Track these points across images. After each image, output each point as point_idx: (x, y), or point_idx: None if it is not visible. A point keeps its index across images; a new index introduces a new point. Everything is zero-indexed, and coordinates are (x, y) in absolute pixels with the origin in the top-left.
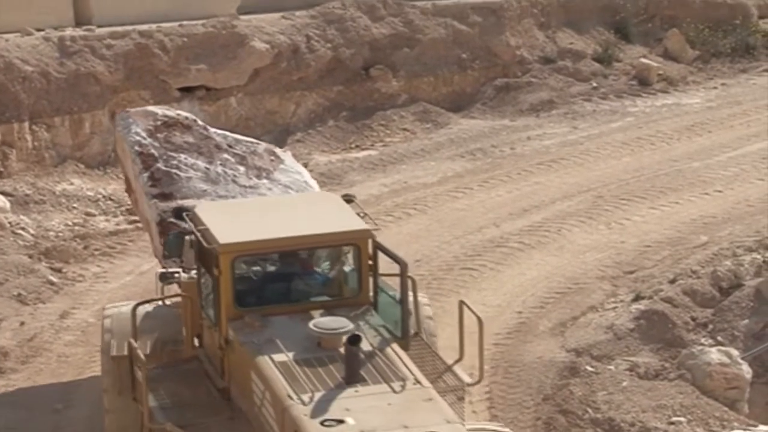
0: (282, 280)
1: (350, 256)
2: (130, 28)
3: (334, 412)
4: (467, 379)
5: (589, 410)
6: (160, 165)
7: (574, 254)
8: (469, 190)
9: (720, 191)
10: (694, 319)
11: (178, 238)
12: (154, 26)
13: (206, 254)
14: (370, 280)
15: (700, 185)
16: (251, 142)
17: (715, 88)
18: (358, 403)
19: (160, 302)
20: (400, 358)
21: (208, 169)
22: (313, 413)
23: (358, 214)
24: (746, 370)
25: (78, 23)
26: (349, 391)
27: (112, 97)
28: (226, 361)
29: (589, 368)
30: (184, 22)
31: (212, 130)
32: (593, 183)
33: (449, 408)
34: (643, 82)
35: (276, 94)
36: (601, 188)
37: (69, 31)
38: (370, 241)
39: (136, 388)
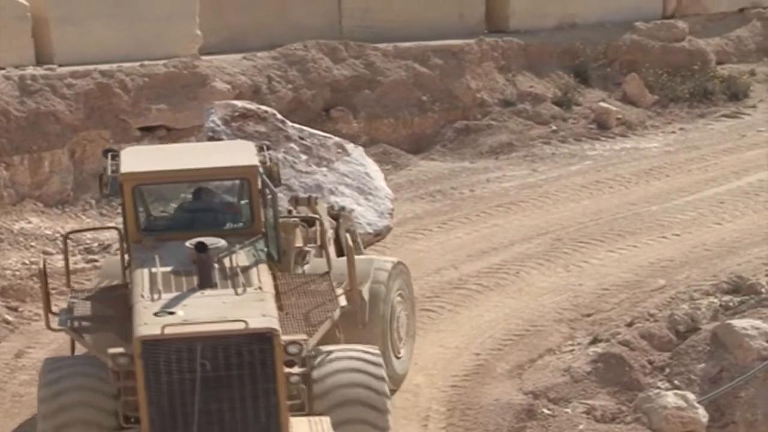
0: (186, 211)
1: (244, 189)
2: (91, 67)
3: (171, 307)
4: (343, 302)
5: None
6: None
7: (532, 296)
8: (429, 231)
9: (678, 235)
10: (651, 363)
11: (116, 178)
12: (115, 66)
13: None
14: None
15: (657, 229)
16: (324, 137)
17: (674, 132)
18: (198, 301)
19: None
20: (259, 273)
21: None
22: (153, 307)
23: (267, 159)
24: (702, 414)
25: (39, 62)
26: (197, 294)
27: (72, 136)
28: None
29: (546, 411)
30: (146, 62)
31: (290, 124)
32: (552, 226)
33: (274, 308)
34: (602, 126)
35: None
36: (560, 231)
37: (30, 70)
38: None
39: (43, 301)
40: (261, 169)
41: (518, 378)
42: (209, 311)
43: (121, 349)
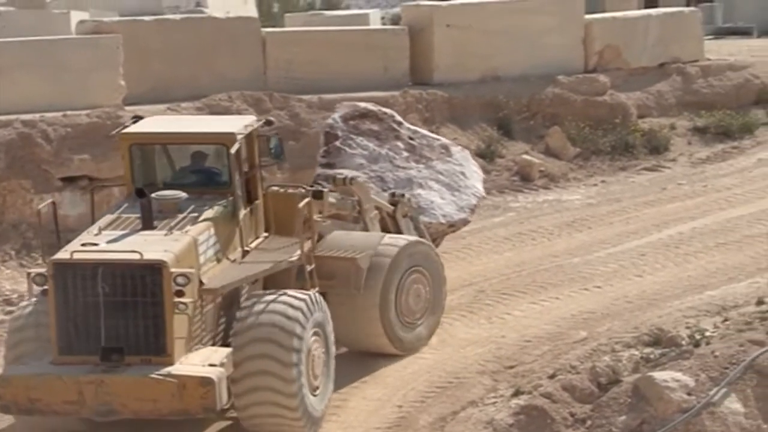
0: (179, 172)
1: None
2: (13, 117)
3: (103, 241)
4: (293, 258)
5: None
6: (337, 143)
7: (455, 348)
8: None
9: (599, 287)
10: (572, 415)
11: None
12: (37, 116)
13: None
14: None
15: (580, 281)
16: (434, 138)
17: (595, 185)
18: (126, 238)
19: None
20: (199, 223)
21: (374, 150)
22: (86, 239)
23: (270, 133)
24: None
25: None
26: (135, 234)
27: None
28: None
29: None
30: (69, 112)
31: (406, 125)
32: (475, 277)
33: (182, 248)
34: (524, 178)
35: None
36: (483, 282)
37: None
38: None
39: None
40: (241, 140)
41: (441, 431)
42: (126, 245)
43: (41, 270)
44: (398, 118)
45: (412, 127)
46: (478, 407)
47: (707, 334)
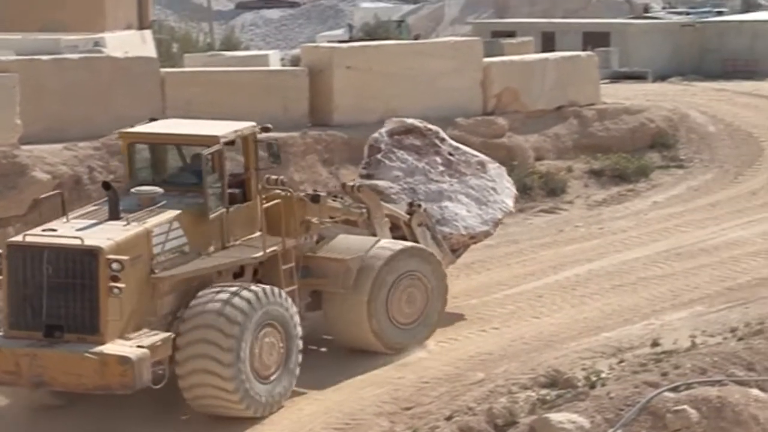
0: (173, 170)
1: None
2: None
3: (66, 229)
4: (259, 253)
5: None
6: (378, 155)
7: (352, 389)
8: None
9: (497, 328)
10: None
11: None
12: None
13: None
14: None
15: (477, 322)
16: (472, 155)
17: None
18: (89, 226)
19: None
20: (159, 216)
21: (412, 163)
22: (50, 226)
23: (268, 139)
24: None
25: None
26: (99, 223)
27: None
28: None
29: None
30: None
31: (449, 142)
32: None
33: (128, 236)
34: None
35: None
36: None
37: None
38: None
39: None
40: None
41: None
42: (84, 233)
43: None
44: (442, 134)
45: (454, 144)
46: None
47: (603, 375)
